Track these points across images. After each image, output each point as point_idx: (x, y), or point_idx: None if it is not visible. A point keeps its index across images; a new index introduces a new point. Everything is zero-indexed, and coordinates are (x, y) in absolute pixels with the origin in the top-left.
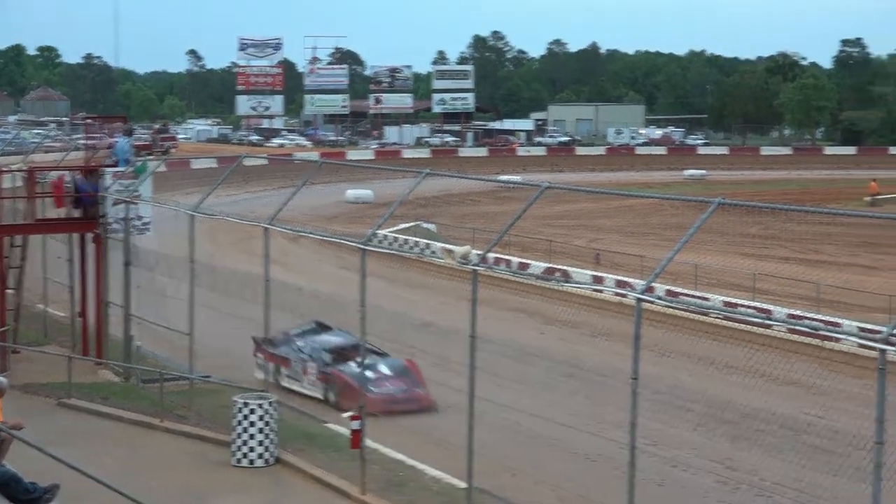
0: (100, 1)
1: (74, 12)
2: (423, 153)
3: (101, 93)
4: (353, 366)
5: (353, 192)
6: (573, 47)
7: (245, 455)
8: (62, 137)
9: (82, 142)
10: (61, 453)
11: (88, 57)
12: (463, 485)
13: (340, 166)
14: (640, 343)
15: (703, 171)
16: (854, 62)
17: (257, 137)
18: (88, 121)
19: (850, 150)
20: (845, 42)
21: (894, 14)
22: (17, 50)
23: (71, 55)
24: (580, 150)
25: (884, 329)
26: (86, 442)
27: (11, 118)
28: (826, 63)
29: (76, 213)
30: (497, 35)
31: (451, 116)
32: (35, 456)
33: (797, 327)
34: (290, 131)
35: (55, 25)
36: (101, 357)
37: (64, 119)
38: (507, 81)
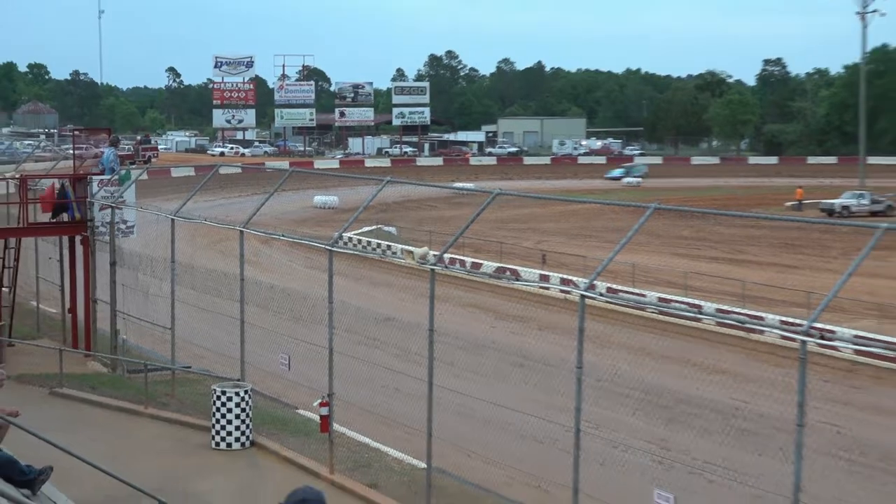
0: (86, 22)
1: (62, 32)
2: (384, 162)
3: (87, 107)
4: None
5: (320, 198)
6: (520, 66)
7: (223, 439)
8: (52, 148)
9: (70, 152)
10: (54, 438)
11: (75, 73)
12: (422, 465)
13: (309, 174)
14: (584, 335)
15: (640, 179)
16: (775, 80)
17: (228, 147)
18: (76, 132)
19: (772, 159)
20: (767, 62)
21: (811, 37)
22: (9, 67)
23: (59, 72)
24: (527, 160)
25: (804, 322)
26: (76, 428)
27: (4, 130)
28: (750, 80)
29: (65, 218)
30: (451, 54)
31: (409, 129)
32: (30, 441)
33: (725, 321)
34: (261, 142)
35: (45, 44)
36: (89, 350)
37: (53, 131)
38: (460, 97)
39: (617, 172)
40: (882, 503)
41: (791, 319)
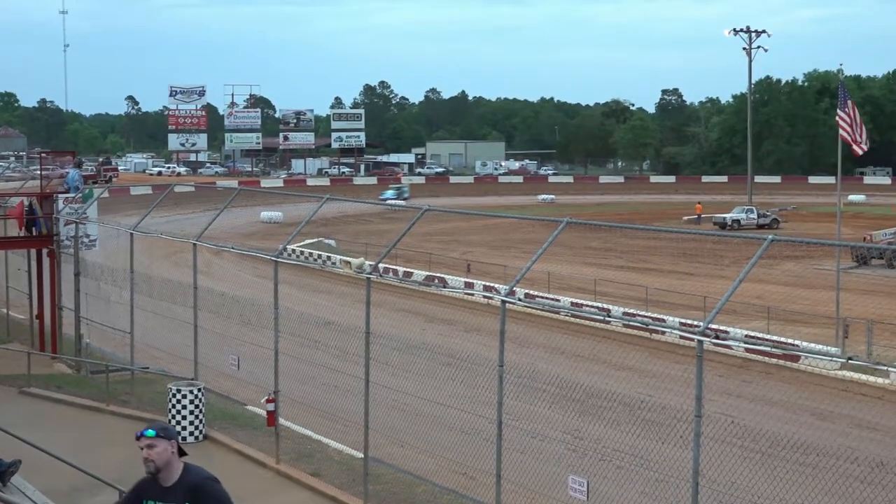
0: (52, 53)
1: (31, 63)
2: (324, 181)
3: (53, 131)
4: None
5: (266, 214)
6: (446, 94)
7: (178, 433)
8: (21, 169)
9: (38, 172)
10: (23, 434)
11: (42, 101)
12: (360, 455)
13: (256, 192)
14: (505, 337)
15: (553, 196)
16: (672, 107)
17: (185, 169)
18: (42, 155)
19: (671, 178)
20: (665, 91)
21: (704, 69)
22: None
23: (28, 100)
24: (453, 179)
25: (701, 324)
26: (43, 424)
27: None
28: (650, 108)
29: (34, 232)
30: (384, 84)
31: (346, 151)
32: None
33: (631, 323)
34: (212, 163)
35: (14, 75)
36: (55, 352)
37: (22, 153)
38: (392, 122)
39: (388, 194)
40: (772, 485)
41: (689, 321)
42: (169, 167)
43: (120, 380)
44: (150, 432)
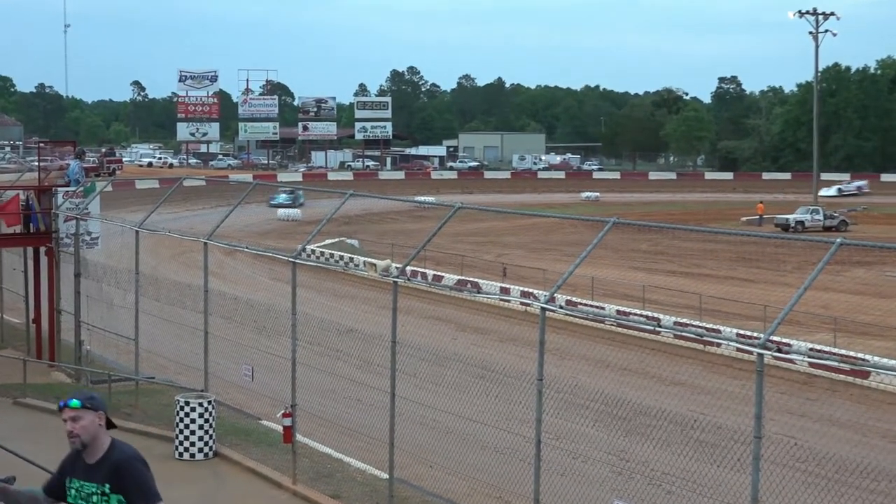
0: (52, 35)
1: (28, 45)
2: (347, 176)
3: (52, 119)
4: None
5: (283, 211)
6: (481, 82)
7: (186, 449)
8: (17, 160)
9: (35, 163)
10: (17, 447)
11: (41, 86)
12: (384, 475)
13: (272, 187)
14: (544, 347)
15: (598, 194)
16: (730, 97)
17: (195, 161)
18: (41, 145)
19: (727, 175)
20: (722, 79)
21: (765, 56)
22: None
23: (25, 84)
24: (488, 175)
25: (761, 336)
26: (39, 437)
27: None
28: (706, 98)
29: (31, 229)
30: (413, 70)
31: (371, 143)
32: None
33: (683, 333)
34: (225, 155)
35: (10, 57)
36: (53, 360)
37: (18, 143)
38: (421, 112)
39: (280, 198)
40: None
41: (748, 332)
42: (160, 157)
43: (123, 390)
44: (75, 402)
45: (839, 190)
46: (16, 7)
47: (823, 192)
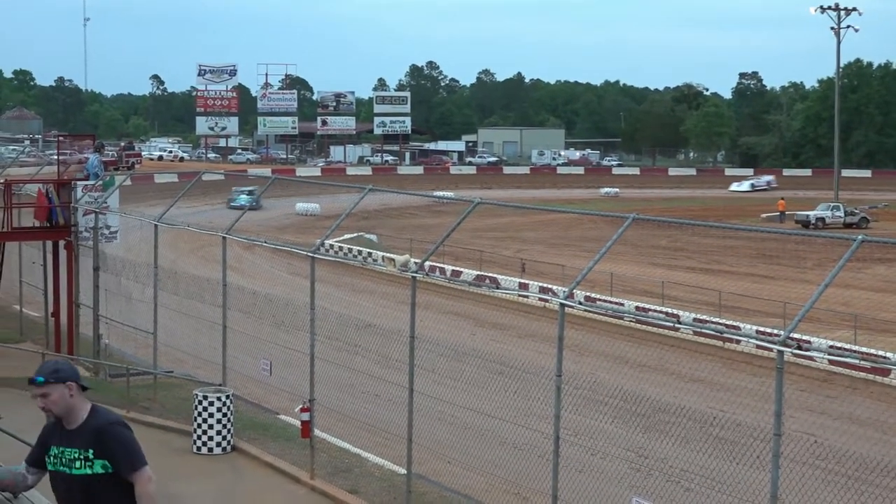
0: (71, 29)
1: (48, 38)
2: (365, 171)
3: (71, 113)
4: None
5: (302, 206)
6: (500, 76)
7: (205, 443)
8: (36, 153)
9: (54, 157)
10: (34, 440)
11: (60, 80)
12: (402, 471)
13: (291, 182)
14: (563, 343)
15: (617, 190)
16: (751, 93)
17: (214, 155)
18: (60, 138)
19: (748, 171)
20: (743, 75)
21: (786, 51)
22: None
23: (44, 78)
24: (507, 170)
25: (781, 333)
26: None
27: None
28: (726, 93)
29: (50, 223)
30: (432, 65)
31: (390, 138)
32: (10, 443)
33: (702, 330)
34: (244, 149)
35: (30, 51)
36: (72, 354)
37: (37, 136)
38: (440, 107)
39: (242, 200)
40: None
41: (768, 329)
42: (170, 151)
43: (141, 384)
44: (40, 379)
45: (752, 185)
46: (35, 0)
47: (734, 186)
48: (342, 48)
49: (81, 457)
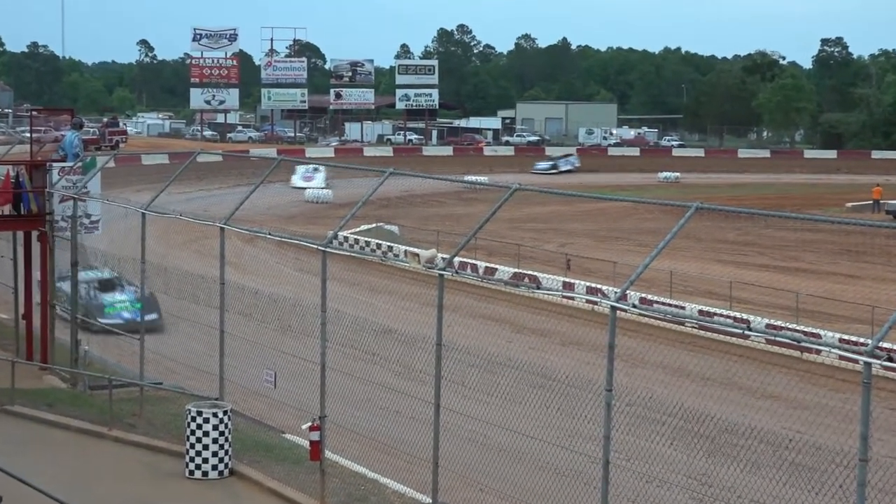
0: None
1: None
2: (386, 151)
3: (46, 83)
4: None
5: (311, 192)
6: (543, 43)
7: (198, 466)
8: (5, 130)
9: (27, 135)
10: (4, 463)
11: (33, 46)
12: (428, 500)
13: (299, 164)
14: (614, 353)
15: (678, 174)
16: (835, 62)
17: (211, 132)
18: (33, 113)
19: (831, 153)
20: (825, 42)
21: (876, 14)
22: None
23: (15, 44)
24: (549, 151)
25: (868, 342)
26: (29, 451)
27: None
28: (806, 63)
29: (21, 211)
30: (463, 29)
31: (414, 113)
32: None
33: (776, 338)
34: (245, 126)
35: None
36: (46, 362)
37: (7, 111)
38: (473, 77)
39: (543, 165)
40: None
41: (851, 337)
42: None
43: (126, 398)
44: None
45: (552, 164)
46: None
47: (539, 165)
48: (359, 9)
49: None
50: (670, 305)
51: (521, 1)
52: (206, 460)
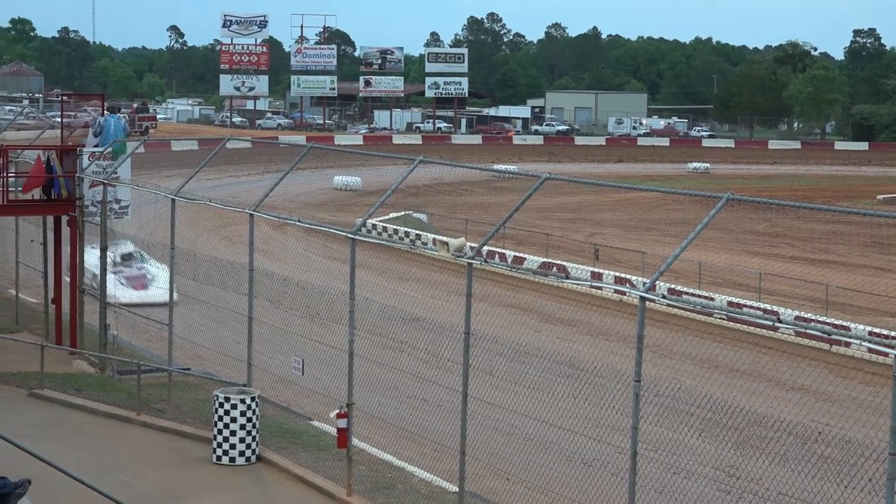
0: None
1: None
2: (415, 139)
3: (76, 69)
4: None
5: (340, 179)
6: (573, 32)
7: (226, 452)
8: (36, 115)
9: (57, 120)
10: (32, 446)
11: (64, 31)
12: (454, 488)
13: (328, 152)
14: (643, 343)
15: (708, 165)
16: (867, 53)
17: (240, 119)
18: (64, 98)
19: (862, 145)
20: (858, 32)
21: None
22: None
23: (46, 29)
24: (579, 140)
25: None
26: (58, 435)
27: None
28: (838, 54)
29: (52, 195)
30: (494, 17)
31: (444, 101)
32: (5, 448)
33: (805, 330)
34: (275, 113)
35: None
36: (75, 346)
37: (38, 96)
38: (503, 66)
39: None
40: None
41: (883, 331)
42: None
43: (154, 383)
44: None
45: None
46: None
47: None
48: None
49: None
50: (699, 297)
51: None
52: (233, 446)
